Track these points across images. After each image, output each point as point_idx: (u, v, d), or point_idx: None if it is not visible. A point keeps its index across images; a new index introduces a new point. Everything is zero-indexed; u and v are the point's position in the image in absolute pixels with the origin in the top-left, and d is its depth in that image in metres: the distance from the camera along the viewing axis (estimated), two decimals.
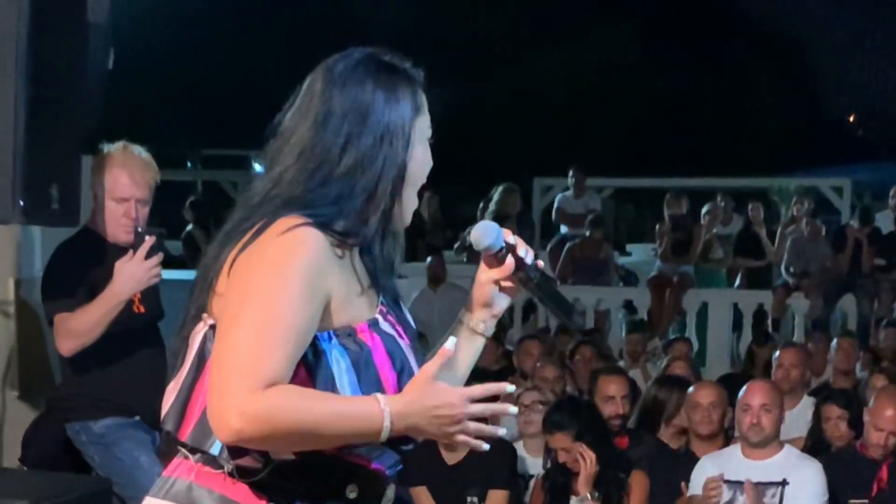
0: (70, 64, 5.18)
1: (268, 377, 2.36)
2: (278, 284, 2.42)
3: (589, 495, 6.16)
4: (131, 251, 5.13)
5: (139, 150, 5.44)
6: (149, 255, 5.12)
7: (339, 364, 2.50)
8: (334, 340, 2.51)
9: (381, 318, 2.63)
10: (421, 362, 2.64)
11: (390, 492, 2.66)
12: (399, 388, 2.54)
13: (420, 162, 2.69)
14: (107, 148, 5.45)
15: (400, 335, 2.66)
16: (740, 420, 6.36)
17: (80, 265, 5.33)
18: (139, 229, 5.21)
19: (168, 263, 5.47)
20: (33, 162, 4.77)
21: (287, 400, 2.37)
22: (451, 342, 2.53)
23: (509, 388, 2.63)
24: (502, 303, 2.92)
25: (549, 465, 6.56)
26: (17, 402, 6.68)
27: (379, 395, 2.44)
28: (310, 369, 2.47)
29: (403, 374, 2.58)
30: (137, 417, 5.35)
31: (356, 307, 2.57)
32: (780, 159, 21.59)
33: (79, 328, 5.19)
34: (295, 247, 2.46)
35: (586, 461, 6.19)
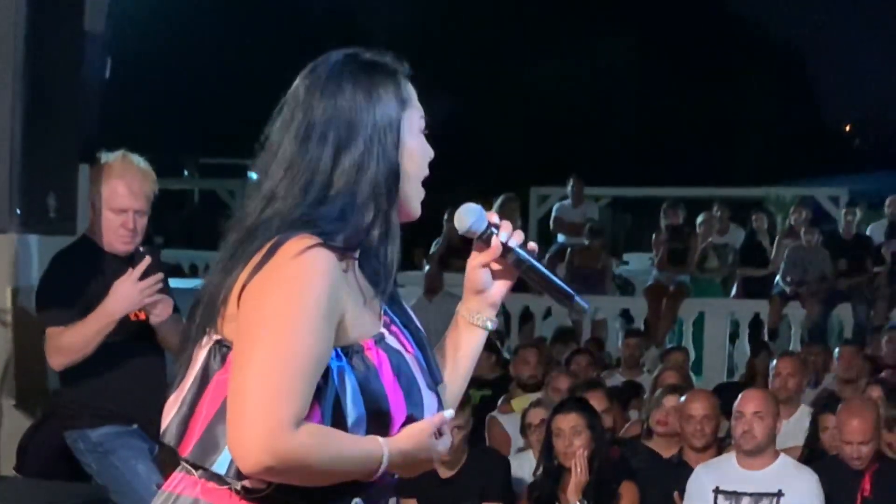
0: (67, 73, 5.18)
1: (297, 413, 2.35)
2: (298, 311, 2.39)
3: (578, 502, 6.15)
4: (130, 269, 5.13)
5: (138, 160, 5.43)
6: (145, 276, 5.12)
7: (345, 384, 2.47)
8: (343, 359, 2.48)
9: (386, 333, 2.59)
10: (429, 359, 2.66)
11: (392, 502, 2.65)
12: (407, 405, 2.53)
13: (416, 155, 2.65)
14: (105, 157, 5.45)
15: (405, 347, 2.63)
16: (734, 427, 6.36)
17: (76, 276, 5.32)
18: (140, 249, 5.22)
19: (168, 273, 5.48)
20: (31, 170, 4.78)
21: (314, 441, 2.37)
22: (449, 413, 2.59)
23: (448, 413, 2.62)
24: (497, 289, 2.83)
25: (539, 472, 6.53)
26: (14, 411, 6.68)
27: (379, 438, 2.47)
28: (317, 390, 2.43)
29: (411, 392, 2.56)
30: (135, 426, 5.34)
31: (362, 322, 2.53)
32: (777, 169, 21.62)
33: (69, 345, 5.19)
34: (311, 270, 2.41)
35: (579, 470, 6.17)
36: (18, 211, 4.75)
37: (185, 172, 23.96)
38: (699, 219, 14.74)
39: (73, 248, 5.47)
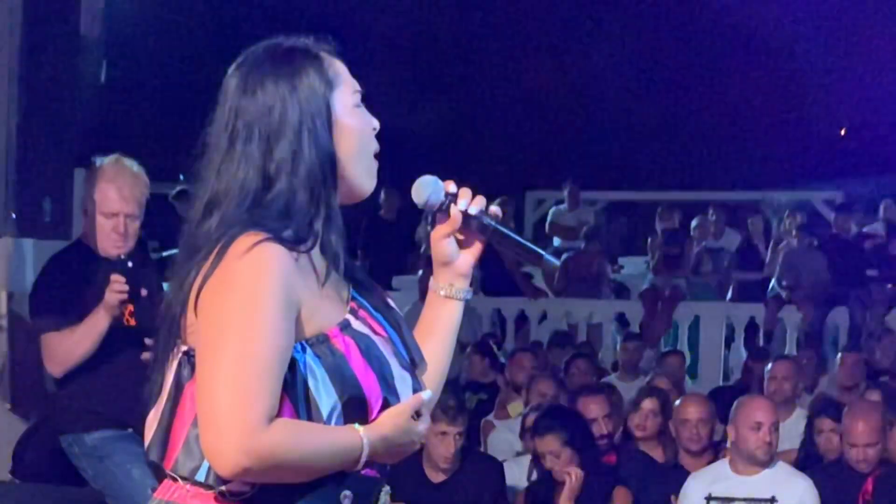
0: (63, 77, 5.19)
1: (267, 411, 2.34)
2: (254, 309, 2.37)
3: None
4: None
5: (131, 164, 5.43)
6: (135, 279, 5.14)
7: (313, 374, 2.45)
8: (308, 350, 2.46)
9: (352, 319, 2.56)
10: (405, 340, 2.65)
11: (385, 495, 2.61)
12: (382, 388, 2.51)
13: (355, 132, 2.60)
14: (99, 161, 5.45)
15: (374, 331, 2.59)
16: (747, 437, 6.21)
17: (69, 280, 5.33)
18: (122, 256, 5.23)
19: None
20: (26, 175, 4.79)
21: (289, 436, 2.36)
22: (426, 394, 2.58)
23: (425, 394, 2.59)
24: (465, 259, 2.79)
25: (533, 478, 6.52)
26: (9, 415, 6.68)
27: (357, 426, 2.45)
28: (285, 384, 2.42)
29: (384, 374, 2.53)
30: (130, 430, 5.34)
31: (324, 311, 2.51)
32: (772, 172, 21.60)
33: (65, 352, 5.24)
34: (261, 265, 2.39)
35: (572, 477, 6.16)
36: (13, 215, 4.75)
37: (182, 176, 23.98)
38: (694, 222, 14.75)
39: (67, 252, 5.48)
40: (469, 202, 2.73)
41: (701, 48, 24.75)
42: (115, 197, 5.34)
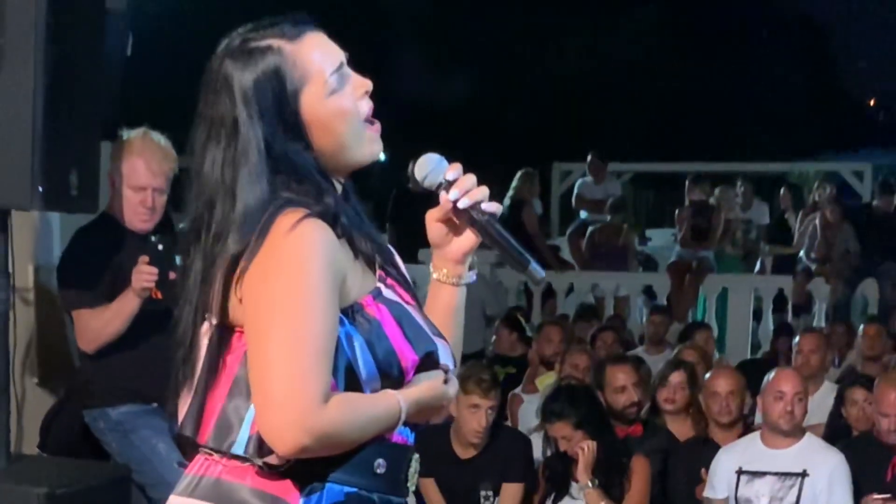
0: (89, 50, 5.16)
1: (324, 389, 2.37)
2: (306, 287, 2.39)
3: (589, 483, 6.12)
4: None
5: (158, 138, 5.43)
6: (157, 261, 5.14)
7: (352, 344, 2.47)
8: (346, 320, 2.48)
9: (382, 287, 2.58)
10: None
11: (415, 462, 2.64)
12: (416, 349, 2.54)
13: (344, 107, 2.58)
14: (126, 135, 5.45)
15: (404, 299, 2.62)
16: (771, 408, 6.19)
17: (97, 254, 5.34)
18: (153, 238, 5.24)
19: None
20: (52, 148, 4.76)
21: (345, 412, 2.40)
22: (450, 363, 2.64)
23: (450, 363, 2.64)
24: (458, 246, 2.76)
25: (549, 453, 6.49)
26: (37, 389, 6.68)
27: (395, 393, 2.50)
28: None
29: (420, 337, 2.56)
30: (155, 405, 5.35)
31: (359, 281, 2.53)
32: (801, 144, 21.51)
33: (99, 329, 5.25)
34: (308, 243, 2.41)
35: (585, 451, 6.13)
36: (40, 189, 4.73)
37: None
38: (717, 192, 14.63)
39: (94, 225, 5.47)
40: (462, 193, 2.67)
41: (730, 18, 24.64)
42: (143, 171, 5.35)
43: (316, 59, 2.58)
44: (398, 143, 2.82)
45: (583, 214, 15.34)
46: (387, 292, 2.58)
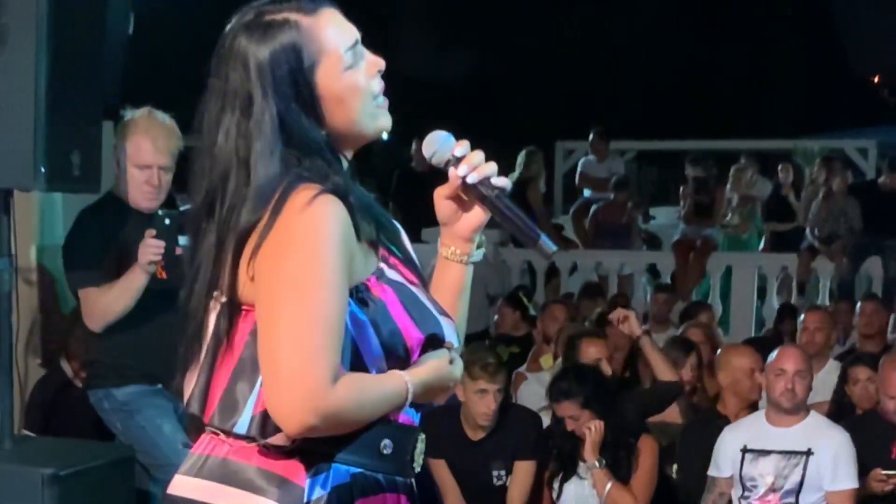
0: (91, 30, 5.14)
1: (334, 369, 2.35)
2: (319, 266, 2.37)
3: (597, 462, 6.13)
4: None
5: (163, 117, 5.42)
6: (164, 235, 5.12)
7: (358, 324, 2.47)
8: (353, 300, 2.47)
9: (385, 267, 2.57)
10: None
11: (422, 443, 2.64)
12: (421, 329, 2.54)
13: (354, 83, 2.58)
14: (130, 114, 5.44)
15: (407, 279, 2.61)
16: (773, 385, 6.17)
17: (103, 233, 5.33)
18: (159, 212, 5.22)
19: None
20: (54, 129, 4.75)
21: (353, 392, 2.39)
22: (455, 341, 2.63)
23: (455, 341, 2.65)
24: (467, 223, 2.77)
25: (556, 433, 6.48)
26: (40, 371, 6.69)
27: (401, 374, 2.49)
28: None
29: (425, 317, 2.56)
30: (160, 385, 5.34)
31: (363, 261, 2.52)
32: (804, 120, 21.46)
33: (106, 307, 5.23)
34: (323, 220, 2.39)
35: (592, 430, 6.13)
36: (42, 169, 4.72)
37: None
38: (732, 171, 14.54)
39: (99, 205, 5.47)
40: (471, 169, 2.67)
41: None
42: (149, 149, 5.34)
43: (332, 34, 2.57)
44: (400, 122, 2.81)
45: (586, 193, 15.31)
46: (390, 272, 2.58)
